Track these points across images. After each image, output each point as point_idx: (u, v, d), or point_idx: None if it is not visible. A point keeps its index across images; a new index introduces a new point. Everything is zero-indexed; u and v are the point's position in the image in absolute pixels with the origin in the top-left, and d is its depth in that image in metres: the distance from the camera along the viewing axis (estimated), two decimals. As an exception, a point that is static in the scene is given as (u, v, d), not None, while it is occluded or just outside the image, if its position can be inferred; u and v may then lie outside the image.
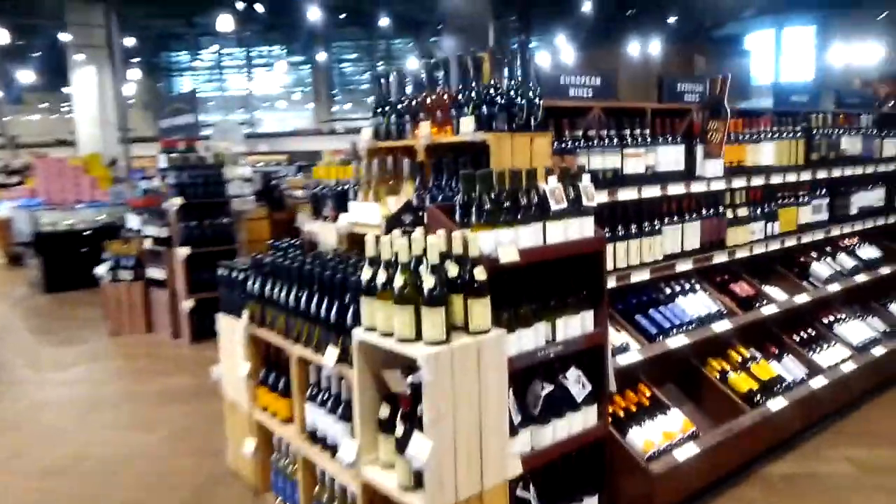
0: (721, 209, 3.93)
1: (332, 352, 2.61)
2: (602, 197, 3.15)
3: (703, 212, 3.83)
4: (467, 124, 2.90)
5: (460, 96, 3.06)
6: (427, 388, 2.10)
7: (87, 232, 9.74)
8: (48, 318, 7.91)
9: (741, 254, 4.04)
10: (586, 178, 2.80)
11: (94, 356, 6.22)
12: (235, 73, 31.84)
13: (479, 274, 2.26)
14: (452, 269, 2.25)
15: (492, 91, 2.94)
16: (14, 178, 17.97)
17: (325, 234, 3.75)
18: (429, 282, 2.18)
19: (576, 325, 2.77)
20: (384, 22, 21.89)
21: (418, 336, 2.20)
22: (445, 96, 3.19)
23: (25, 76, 21.01)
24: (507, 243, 2.46)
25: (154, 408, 4.79)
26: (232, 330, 3.55)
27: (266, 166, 16.08)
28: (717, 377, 3.61)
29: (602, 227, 2.91)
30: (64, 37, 14.89)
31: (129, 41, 14.18)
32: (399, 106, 3.46)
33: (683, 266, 3.70)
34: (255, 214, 9.67)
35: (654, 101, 3.83)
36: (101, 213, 10.26)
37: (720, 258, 3.91)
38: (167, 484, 3.66)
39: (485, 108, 2.91)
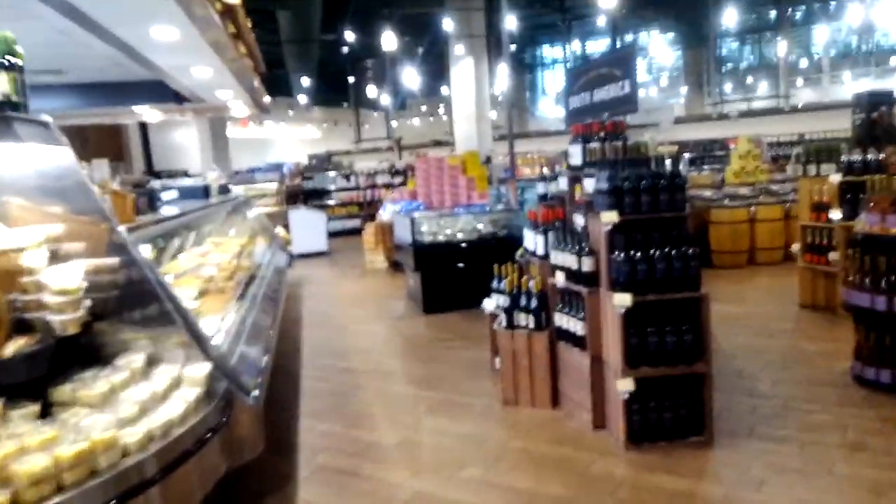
0: None
1: None
2: None
3: None
4: None
5: None
6: None
7: (465, 244, 8.26)
8: (429, 357, 6.35)
9: None
10: None
11: (487, 451, 4.18)
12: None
13: None
14: None
15: None
16: (398, 178, 18.53)
17: None
18: None
19: None
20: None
21: None
22: None
23: (410, 78, 21.86)
24: None
25: None
26: None
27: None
28: None
29: None
30: (446, 25, 14.22)
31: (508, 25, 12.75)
32: None
33: None
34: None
35: None
36: (479, 220, 8.73)
37: None
38: None
39: None
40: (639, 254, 3.97)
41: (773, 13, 25.00)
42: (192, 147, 24.89)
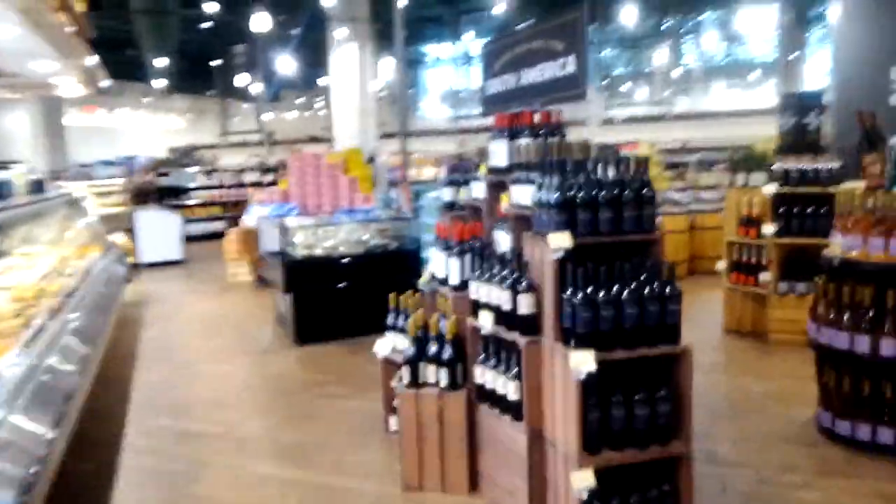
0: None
1: None
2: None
3: None
4: None
5: None
6: None
7: (348, 259, 6.88)
8: (302, 412, 4.90)
9: None
10: None
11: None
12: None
13: None
14: None
15: None
16: (268, 176, 16.73)
17: None
18: None
19: None
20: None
21: None
22: None
23: (284, 66, 19.98)
24: None
25: None
26: None
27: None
28: None
29: None
30: (326, 1, 12.68)
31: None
32: None
33: None
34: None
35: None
36: (366, 229, 7.38)
37: None
38: None
39: None
40: (602, 293, 2.84)
41: (650, 23, 25.44)
42: (24, 135, 21.36)
